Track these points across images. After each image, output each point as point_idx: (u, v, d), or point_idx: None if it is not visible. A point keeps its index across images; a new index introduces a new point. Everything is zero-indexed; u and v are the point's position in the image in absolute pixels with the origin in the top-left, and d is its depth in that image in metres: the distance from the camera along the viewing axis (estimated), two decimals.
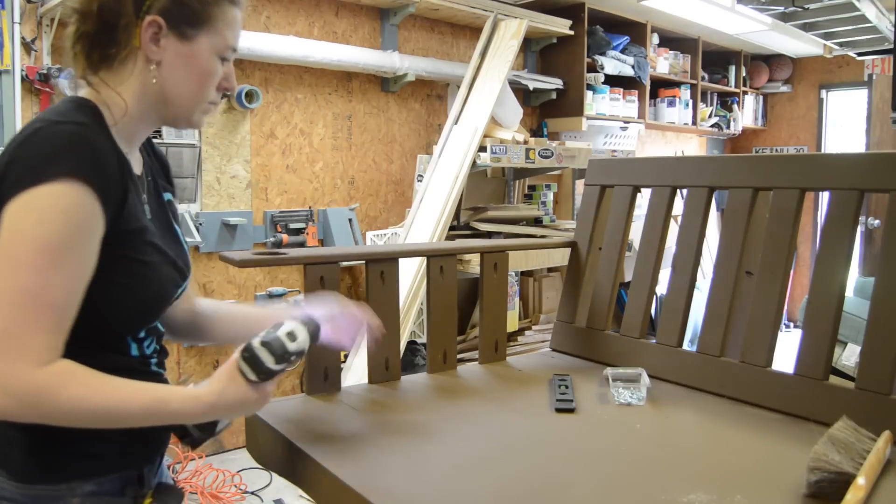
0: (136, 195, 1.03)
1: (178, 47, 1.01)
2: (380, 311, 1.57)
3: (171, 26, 1.00)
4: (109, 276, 0.96)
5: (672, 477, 1.09)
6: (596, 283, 1.83)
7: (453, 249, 1.71)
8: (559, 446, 1.22)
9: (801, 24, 4.67)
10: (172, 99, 1.03)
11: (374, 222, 4.15)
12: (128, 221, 0.98)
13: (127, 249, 0.98)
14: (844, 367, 3.74)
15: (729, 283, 1.55)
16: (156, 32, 0.99)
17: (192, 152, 3.37)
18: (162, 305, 1.07)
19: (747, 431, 1.30)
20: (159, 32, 0.99)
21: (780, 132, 6.90)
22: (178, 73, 1.02)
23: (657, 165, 1.77)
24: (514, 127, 4.03)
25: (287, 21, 3.67)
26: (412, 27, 4.22)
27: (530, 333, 4.14)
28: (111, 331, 1.01)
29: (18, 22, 2.83)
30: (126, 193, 0.97)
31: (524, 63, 4.86)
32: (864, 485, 0.99)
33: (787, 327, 6.42)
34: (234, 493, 3.14)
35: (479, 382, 1.61)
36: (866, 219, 4.91)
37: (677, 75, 5.68)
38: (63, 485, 0.97)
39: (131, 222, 0.98)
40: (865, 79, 5.68)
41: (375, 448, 1.19)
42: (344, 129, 3.97)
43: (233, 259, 1.44)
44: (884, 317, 1.29)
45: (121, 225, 0.96)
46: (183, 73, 1.02)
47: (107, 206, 0.93)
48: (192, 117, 1.07)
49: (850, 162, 1.41)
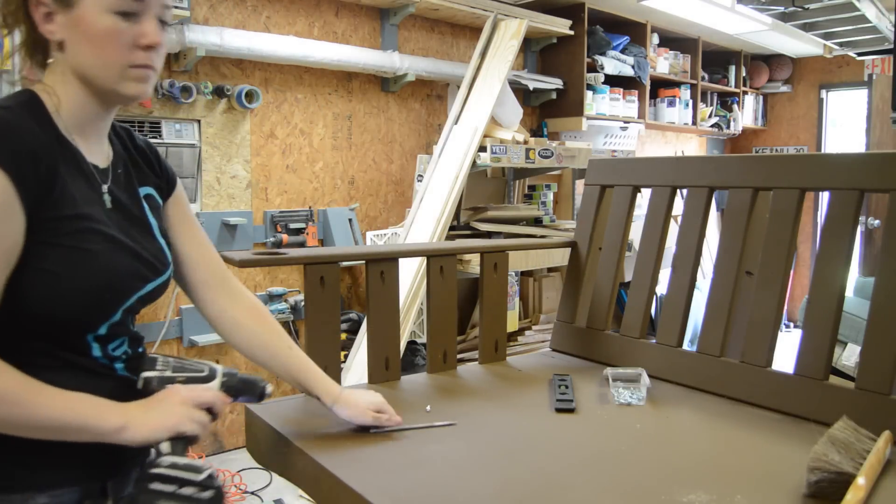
0: (87, 183, 1.00)
1: (68, 18, 0.96)
2: (380, 311, 1.57)
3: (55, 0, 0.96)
4: (39, 263, 0.92)
5: (672, 477, 1.09)
6: (596, 283, 1.83)
7: (453, 249, 1.71)
8: (559, 446, 1.22)
9: (801, 24, 4.67)
10: (86, 72, 0.98)
11: (374, 222, 4.15)
12: (58, 208, 0.94)
13: (60, 237, 0.94)
14: (844, 367, 3.74)
15: (729, 283, 1.55)
16: (47, 13, 0.97)
17: (192, 152, 3.37)
18: (118, 298, 1.00)
19: (747, 431, 1.30)
20: (49, 10, 0.96)
21: (780, 132, 6.90)
22: (78, 44, 0.97)
23: (657, 165, 1.77)
24: (514, 127, 4.03)
25: (287, 21, 3.67)
26: (412, 27, 4.22)
27: (530, 333, 4.14)
28: (62, 326, 0.96)
29: None
30: (54, 177, 0.94)
31: (524, 63, 4.86)
32: (864, 485, 0.99)
33: (787, 327, 6.42)
34: (235, 493, 3.14)
35: (479, 382, 1.61)
36: (866, 219, 4.91)
37: (677, 75, 5.68)
38: (16, 495, 0.94)
39: (64, 209, 0.94)
40: (865, 79, 5.68)
41: (375, 448, 1.19)
42: (344, 129, 3.97)
43: (233, 259, 1.44)
44: (884, 317, 1.29)
45: (49, 211, 0.92)
46: (82, 41, 0.97)
47: (25, 191, 0.90)
48: (119, 87, 0.99)
49: (850, 162, 1.41)
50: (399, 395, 1.50)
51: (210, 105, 3.43)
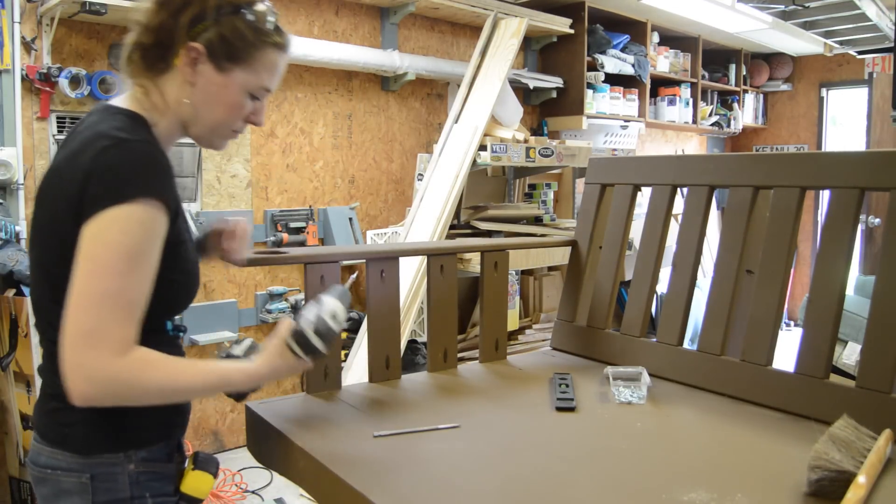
0: None
1: (212, 76, 1.10)
2: (380, 310, 1.57)
3: (210, 56, 1.09)
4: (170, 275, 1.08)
5: (673, 475, 1.09)
6: (596, 282, 1.83)
7: (454, 248, 1.71)
8: (560, 445, 1.22)
9: (802, 23, 4.67)
10: (198, 119, 1.13)
11: (374, 221, 4.15)
12: (178, 224, 1.09)
13: (180, 249, 1.10)
14: (845, 365, 3.74)
15: (729, 282, 1.55)
16: (195, 58, 1.09)
17: (193, 151, 3.37)
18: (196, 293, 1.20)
19: (748, 430, 1.30)
20: (198, 59, 1.09)
21: (781, 131, 6.89)
22: (207, 98, 1.11)
23: (657, 164, 1.77)
24: (514, 126, 4.03)
25: (287, 20, 3.67)
26: (412, 26, 4.22)
27: (531, 332, 4.14)
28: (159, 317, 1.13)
29: (18, 21, 2.83)
30: (178, 199, 1.09)
31: (524, 62, 4.86)
32: (864, 483, 0.99)
33: (787, 326, 6.41)
34: (235, 492, 3.14)
35: (479, 381, 1.61)
36: (867, 217, 4.91)
37: (677, 74, 5.67)
38: (121, 453, 1.09)
39: (181, 224, 1.11)
40: (866, 77, 5.68)
41: (376, 446, 1.19)
42: (344, 128, 3.97)
43: None
44: (884, 315, 1.29)
45: (175, 228, 1.08)
46: (212, 99, 1.11)
47: (170, 215, 1.05)
48: (213, 140, 1.17)
49: (850, 160, 1.41)
50: (400, 393, 1.50)
51: None
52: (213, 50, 1.08)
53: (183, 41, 1.08)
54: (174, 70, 1.10)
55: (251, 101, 1.14)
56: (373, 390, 1.51)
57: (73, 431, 1.08)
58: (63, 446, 1.08)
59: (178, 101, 1.11)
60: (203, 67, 1.09)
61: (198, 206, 3.43)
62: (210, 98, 1.11)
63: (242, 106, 1.14)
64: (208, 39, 1.08)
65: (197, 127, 1.14)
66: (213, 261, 1.38)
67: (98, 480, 1.07)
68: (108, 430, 1.08)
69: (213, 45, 1.08)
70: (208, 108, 1.12)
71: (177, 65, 1.09)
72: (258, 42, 1.11)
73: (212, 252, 1.37)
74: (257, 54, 1.11)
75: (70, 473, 1.07)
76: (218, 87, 1.11)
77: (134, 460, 1.10)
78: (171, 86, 1.11)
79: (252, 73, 1.12)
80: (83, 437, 1.08)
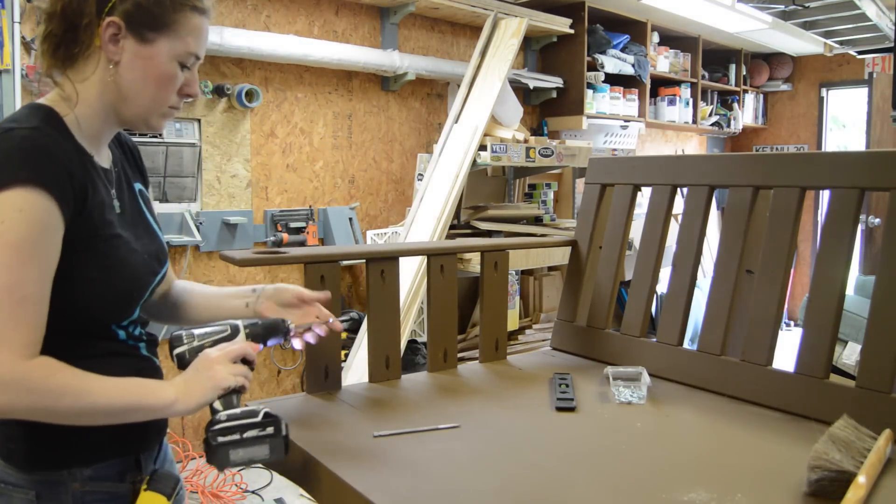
0: (105, 190, 1.07)
1: (136, 49, 1.03)
2: (380, 310, 1.57)
3: (130, 28, 1.02)
4: (85, 272, 1.01)
5: (673, 475, 1.09)
6: (596, 282, 1.83)
7: (454, 248, 1.71)
8: (560, 445, 1.22)
9: (802, 23, 4.67)
10: (129, 99, 1.06)
11: (374, 221, 4.15)
12: (93, 218, 1.02)
13: (98, 244, 1.03)
14: (845, 365, 3.75)
15: (729, 282, 1.55)
16: (115, 33, 1.02)
17: (193, 151, 3.37)
18: (139, 294, 1.11)
19: (748, 430, 1.30)
20: (119, 33, 1.02)
21: (781, 131, 6.89)
22: (135, 74, 1.04)
23: (657, 164, 1.77)
24: (514, 126, 4.03)
25: (287, 20, 3.67)
26: (412, 26, 4.22)
27: (531, 332, 4.14)
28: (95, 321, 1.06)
29: (18, 21, 2.83)
30: (86, 191, 1.01)
31: (524, 62, 4.86)
32: (864, 483, 0.99)
33: (787, 326, 6.42)
34: (235, 492, 3.14)
35: (479, 381, 1.61)
36: (867, 217, 4.91)
37: (677, 74, 5.68)
38: (63, 470, 1.03)
39: (95, 219, 1.03)
40: (866, 77, 5.68)
41: (376, 446, 1.19)
42: (344, 128, 3.97)
43: (233, 258, 1.44)
44: (884, 315, 1.29)
45: (84, 223, 1.00)
46: (140, 74, 1.04)
47: (63, 205, 0.96)
48: (150, 119, 1.09)
49: (850, 160, 1.41)
50: (400, 393, 1.50)
51: (210, 104, 3.43)
52: (132, 21, 1.02)
53: (94, 17, 1.01)
54: (93, 53, 1.03)
55: (182, 71, 1.07)
56: (373, 390, 1.51)
57: (17, 447, 1.03)
58: (10, 461, 1.04)
59: (101, 89, 1.04)
60: (125, 42, 1.02)
61: (198, 206, 3.43)
62: (139, 74, 1.04)
63: (174, 76, 1.06)
64: (125, 11, 1.01)
65: (129, 108, 1.06)
66: None
67: (43, 499, 1.02)
68: (49, 444, 1.02)
69: (132, 15, 1.01)
70: (139, 84, 1.05)
71: (97, 45, 1.02)
72: (177, 5, 1.04)
73: None
74: (179, 18, 1.04)
75: (18, 489, 1.03)
76: (145, 61, 1.03)
77: (79, 478, 1.04)
78: (91, 71, 1.04)
79: (178, 39, 1.05)
80: (25, 451, 1.03)
